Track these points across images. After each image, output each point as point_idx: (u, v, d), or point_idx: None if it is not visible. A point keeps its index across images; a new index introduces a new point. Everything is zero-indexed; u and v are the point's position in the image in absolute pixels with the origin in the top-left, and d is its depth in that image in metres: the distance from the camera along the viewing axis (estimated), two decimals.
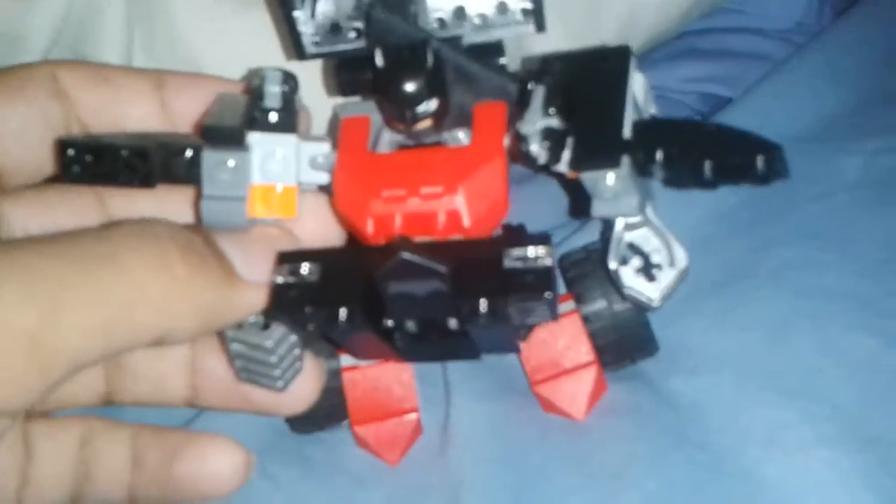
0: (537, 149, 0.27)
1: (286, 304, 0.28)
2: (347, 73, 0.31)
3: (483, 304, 0.26)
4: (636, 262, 0.31)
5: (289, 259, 0.29)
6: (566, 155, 0.27)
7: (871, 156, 0.38)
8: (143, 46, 0.37)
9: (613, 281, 0.32)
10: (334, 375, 0.35)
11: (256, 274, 0.28)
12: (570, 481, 0.33)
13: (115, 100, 0.30)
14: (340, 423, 0.36)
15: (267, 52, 0.36)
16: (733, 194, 0.38)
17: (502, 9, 0.30)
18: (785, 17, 0.48)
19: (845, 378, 0.33)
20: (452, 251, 0.27)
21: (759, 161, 0.25)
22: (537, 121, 0.27)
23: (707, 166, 0.26)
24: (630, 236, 0.31)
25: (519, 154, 0.28)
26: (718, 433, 0.33)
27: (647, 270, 0.31)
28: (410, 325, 0.30)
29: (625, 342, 0.36)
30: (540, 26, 0.30)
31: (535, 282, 0.27)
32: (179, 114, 0.31)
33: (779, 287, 0.36)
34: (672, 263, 0.31)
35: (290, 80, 0.29)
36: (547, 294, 0.26)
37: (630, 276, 0.31)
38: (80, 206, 0.30)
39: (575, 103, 0.27)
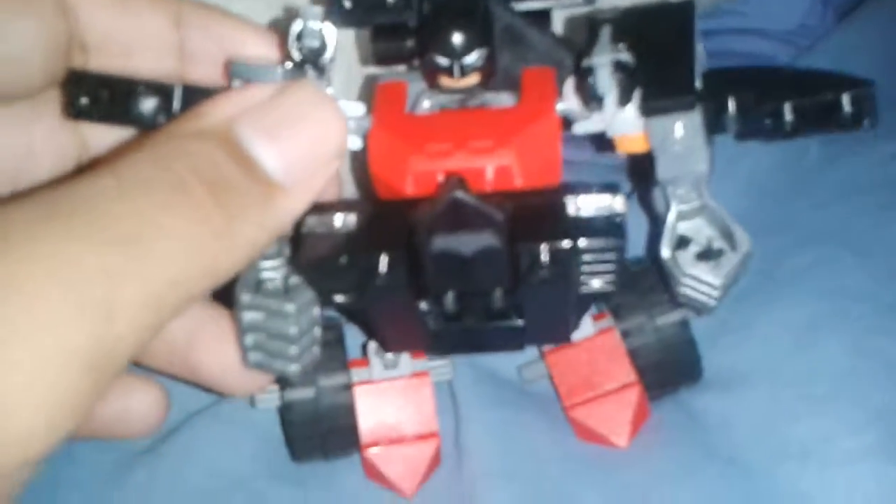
0: (607, 83, 0.24)
1: (318, 253, 0.25)
2: (385, 41, 0.29)
3: (545, 251, 0.23)
4: (694, 248, 0.28)
5: (317, 210, 0.25)
6: (636, 95, 0.24)
7: (882, 160, 0.37)
8: None
9: (665, 279, 0.29)
10: (343, 391, 0.31)
11: (298, 173, 0.23)
12: (593, 500, 0.30)
13: (127, 28, 0.27)
14: (349, 453, 0.32)
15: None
16: (744, 197, 0.37)
17: None
18: (787, 18, 0.48)
19: (881, 380, 0.31)
20: (509, 200, 0.24)
21: (846, 101, 0.24)
22: (606, 52, 0.25)
23: (787, 111, 0.24)
24: (682, 227, 0.29)
25: (584, 98, 0.26)
26: (750, 449, 0.31)
27: (707, 257, 0.28)
28: (449, 301, 0.26)
29: (668, 361, 0.33)
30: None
31: (605, 228, 0.24)
32: (196, 52, 0.28)
33: (800, 290, 0.34)
34: (734, 248, 0.28)
35: (328, 22, 0.27)
36: (618, 241, 0.23)
37: (689, 262, 0.28)
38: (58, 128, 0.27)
39: (641, 46, 0.25)
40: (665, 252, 0.29)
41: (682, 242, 0.29)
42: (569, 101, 0.27)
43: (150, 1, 0.27)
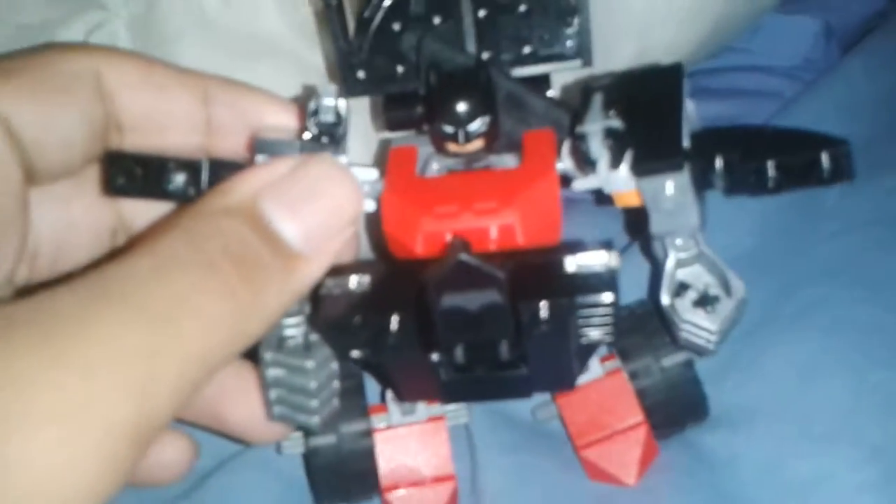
0: (599, 149, 0.26)
1: (334, 314, 0.26)
2: (395, 109, 0.31)
3: (544, 308, 0.25)
4: (692, 294, 0.30)
5: (335, 272, 0.27)
6: (627, 157, 0.26)
7: (885, 194, 0.38)
8: None
9: (666, 324, 0.31)
10: (363, 436, 0.33)
11: (317, 243, 0.25)
12: None
13: (160, 108, 0.29)
14: (370, 497, 0.34)
15: None
16: (749, 235, 0.38)
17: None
18: (792, 54, 0.49)
19: (881, 416, 0.32)
20: (510, 259, 0.26)
21: (825, 158, 0.25)
22: (597, 121, 0.26)
23: (770, 168, 0.26)
24: (681, 274, 0.30)
25: (578, 164, 0.27)
26: (755, 487, 0.32)
27: (704, 304, 0.30)
28: (458, 353, 0.28)
29: (675, 401, 0.34)
30: (587, 61, 0.31)
31: (600, 284, 0.25)
32: (223, 126, 0.30)
33: (805, 326, 0.35)
34: (729, 294, 0.30)
35: (342, 98, 0.29)
36: (612, 296, 0.25)
37: (687, 309, 0.30)
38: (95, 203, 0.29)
39: (631, 113, 0.27)
40: (665, 299, 0.30)
41: (681, 288, 0.30)
42: (567, 162, 0.29)
43: (180, 82, 0.30)
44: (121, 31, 0.36)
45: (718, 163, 0.26)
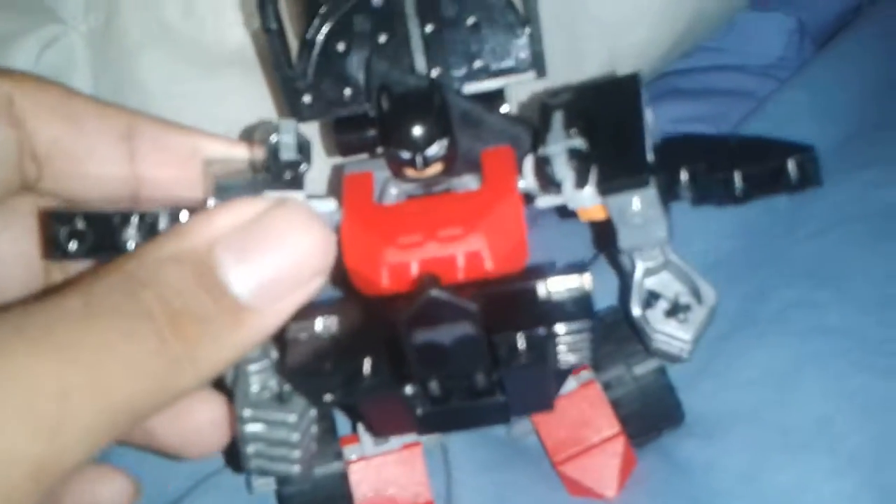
0: (563, 170, 0.25)
1: (303, 360, 0.25)
2: (347, 133, 0.30)
3: (521, 340, 0.24)
4: (663, 304, 0.29)
5: (299, 316, 0.26)
6: (592, 177, 0.26)
7: (862, 189, 0.38)
8: None
9: (638, 333, 0.30)
10: (337, 469, 0.32)
11: (271, 297, 0.23)
12: None
13: (74, 138, 0.27)
14: None
15: (238, 115, 0.34)
16: (729, 238, 0.38)
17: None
18: (765, 52, 0.48)
19: (859, 422, 0.32)
20: (481, 289, 0.25)
21: (791, 166, 0.25)
22: (560, 141, 0.26)
23: (737, 178, 0.25)
24: (650, 283, 0.30)
25: (542, 184, 0.27)
26: (732, 497, 0.32)
27: (675, 312, 0.29)
28: (434, 386, 0.27)
29: (650, 409, 0.34)
30: (540, 72, 0.30)
31: (575, 309, 0.25)
32: (148, 159, 0.28)
33: (783, 331, 0.35)
34: (700, 302, 0.29)
35: (300, 132, 0.27)
36: (589, 322, 0.24)
37: (659, 320, 0.29)
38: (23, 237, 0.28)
39: (593, 128, 0.26)
40: (635, 310, 0.30)
41: (652, 297, 0.30)
42: (529, 179, 0.28)
43: (97, 114, 0.28)
44: (78, 44, 0.35)
45: (684, 175, 0.26)
